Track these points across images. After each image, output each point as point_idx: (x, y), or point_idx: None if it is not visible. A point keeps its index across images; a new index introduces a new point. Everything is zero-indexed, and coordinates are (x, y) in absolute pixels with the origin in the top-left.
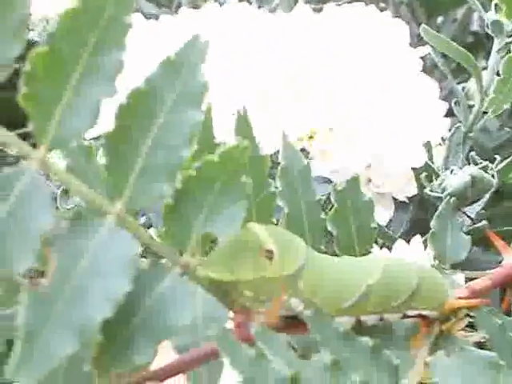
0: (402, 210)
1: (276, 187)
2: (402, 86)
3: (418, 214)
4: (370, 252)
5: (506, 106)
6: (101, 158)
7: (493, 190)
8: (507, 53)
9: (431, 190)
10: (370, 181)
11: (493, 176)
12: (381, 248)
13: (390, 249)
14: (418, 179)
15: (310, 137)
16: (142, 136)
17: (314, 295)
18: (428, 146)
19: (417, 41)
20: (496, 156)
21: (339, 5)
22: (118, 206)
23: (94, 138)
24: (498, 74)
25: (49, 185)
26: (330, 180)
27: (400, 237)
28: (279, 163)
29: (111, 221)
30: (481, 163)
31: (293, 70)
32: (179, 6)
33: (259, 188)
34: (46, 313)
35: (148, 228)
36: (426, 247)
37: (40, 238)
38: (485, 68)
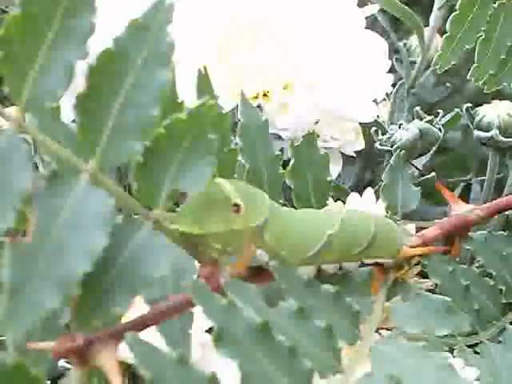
0: (350, 164)
1: (237, 143)
2: (350, 42)
3: (364, 168)
4: (326, 205)
5: (453, 62)
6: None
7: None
8: (449, 10)
9: (381, 144)
10: (317, 136)
11: (439, 129)
12: (335, 201)
13: (343, 201)
14: (364, 134)
15: (265, 95)
16: (112, 95)
17: (278, 246)
18: (374, 101)
19: None
20: (438, 110)
21: None
22: (91, 164)
23: None
24: (438, 31)
25: (26, 145)
26: (280, 136)
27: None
28: (239, 120)
29: (86, 178)
30: (425, 117)
31: (250, 20)
32: None
33: (221, 145)
34: (29, 268)
35: None
36: (377, 199)
37: (20, 196)
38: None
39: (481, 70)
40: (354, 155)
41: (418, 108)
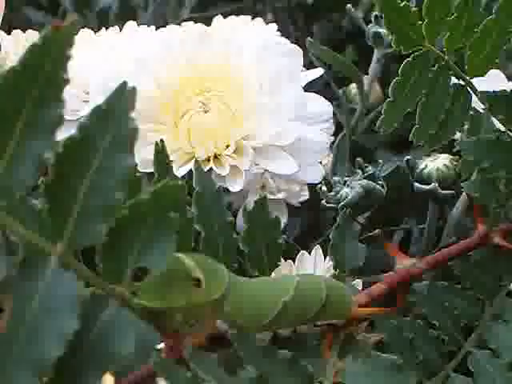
0: (294, 215)
1: (192, 212)
2: (296, 106)
3: (309, 218)
4: (278, 265)
5: (396, 125)
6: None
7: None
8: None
9: (327, 202)
10: (263, 187)
11: (382, 186)
12: (285, 260)
13: (292, 259)
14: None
15: (215, 157)
16: (78, 181)
17: (237, 316)
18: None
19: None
20: (379, 160)
21: (225, 16)
22: (59, 247)
23: None
24: (379, 81)
25: None
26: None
27: (294, 240)
28: (193, 188)
29: (55, 262)
30: (367, 169)
31: (199, 85)
32: (65, 12)
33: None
34: (7, 352)
35: None
36: (325, 255)
37: None
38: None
39: (422, 131)
40: (299, 206)
41: (359, 159)
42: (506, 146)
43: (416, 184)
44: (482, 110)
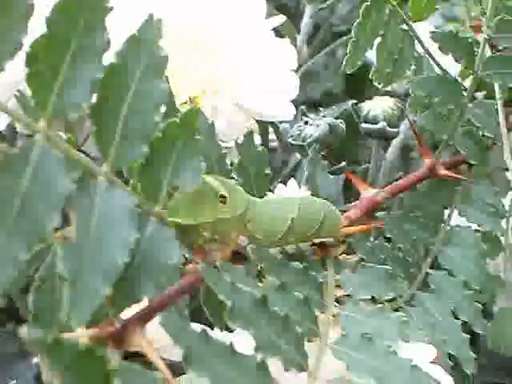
0: None
1: None
2: (264, 49)
3: None
4: (265, 195)
5: (359, 63)
6: None
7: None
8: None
9: (294, 139)
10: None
11: (342, 124)
12: None
13: (272, 191)
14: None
15: (192, 99)
16: (119, 105)
17: (255, 231)
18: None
19: None
20: (319, 108)
21: None
22: (105, 167)
23: None
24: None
25: (59, 153)
26: None
27: None
28: None
29: (103, 181)
30: (310, 116)
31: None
32: None
33: None
34: (79, 262)
35: None
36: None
37: (61, 199)
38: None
39: (380, 70)
40: None
41: (303, 107)
42: (452, 83)
43: (364, 125)
44: (422, 54)
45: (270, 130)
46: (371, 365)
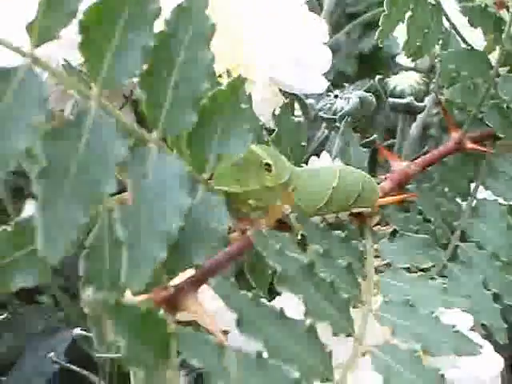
0: None
1: None
2: (297, 23)
3: None
4: (302, 166)
5: (391, 35)
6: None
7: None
8: None
9: (324, 113)
10: None
11: (371, 97)
12: None
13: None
14: None
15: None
16: (168, 73)
17: (298, 200)
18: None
19: None
20: (344, 84)
21: None
22: (155, 134)
23: None
24: None
25: (111, 119)
26: None
27: None
28: None
29: (154, 148)
30: (334, 91)
31: None
32: None
33: None
34: (136, 226)
35: None
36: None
37: (115, 165)
38: None
39: (411, 43)
40: None
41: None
42: (480, 56)
43: (392, 99)
44: (448, 28)
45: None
46: (415, 330)
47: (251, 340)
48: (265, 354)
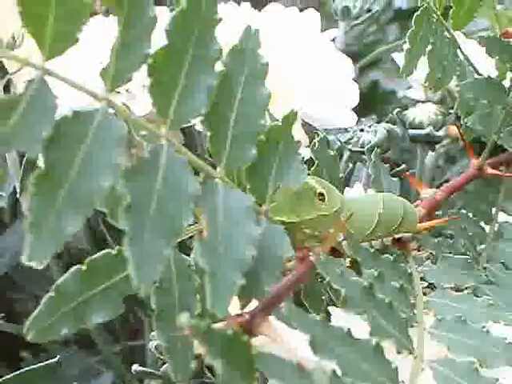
0: None
1: None
2: (325, 61)
3: None
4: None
5: (414, 69)
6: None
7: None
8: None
9: (353, 146)
10: None
11: (396, 128)
12: None
13: None
14: None
15: None
16: (228, 110)
17: (349, 226)
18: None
19: None
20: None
21: None
22: (219, 169)
23: None
24: None
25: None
26: None
27: None
28: None
29: (220, 183)
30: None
31: None
32: None
33: None
34: (215, 256)
35: None
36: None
37: (191, 199)
38: None
39: (431, 76)
40: None
41: None
42: (498, 85)
43: (411, 130)
44: (462, 59)
45: None
46: (469, 344)
47: (325, 360)
48: (338, 372)
